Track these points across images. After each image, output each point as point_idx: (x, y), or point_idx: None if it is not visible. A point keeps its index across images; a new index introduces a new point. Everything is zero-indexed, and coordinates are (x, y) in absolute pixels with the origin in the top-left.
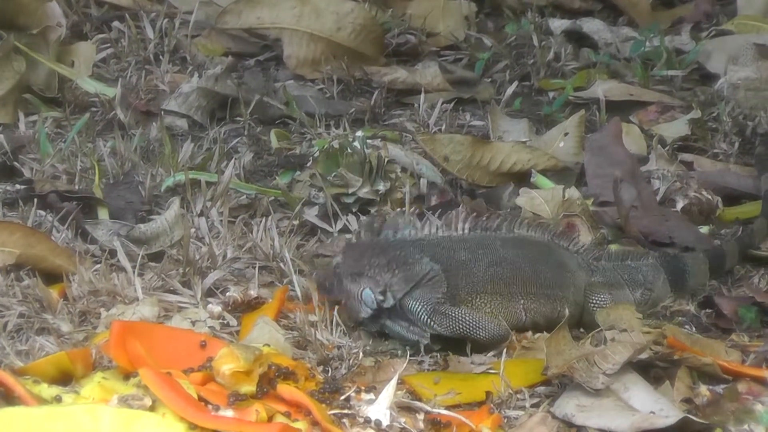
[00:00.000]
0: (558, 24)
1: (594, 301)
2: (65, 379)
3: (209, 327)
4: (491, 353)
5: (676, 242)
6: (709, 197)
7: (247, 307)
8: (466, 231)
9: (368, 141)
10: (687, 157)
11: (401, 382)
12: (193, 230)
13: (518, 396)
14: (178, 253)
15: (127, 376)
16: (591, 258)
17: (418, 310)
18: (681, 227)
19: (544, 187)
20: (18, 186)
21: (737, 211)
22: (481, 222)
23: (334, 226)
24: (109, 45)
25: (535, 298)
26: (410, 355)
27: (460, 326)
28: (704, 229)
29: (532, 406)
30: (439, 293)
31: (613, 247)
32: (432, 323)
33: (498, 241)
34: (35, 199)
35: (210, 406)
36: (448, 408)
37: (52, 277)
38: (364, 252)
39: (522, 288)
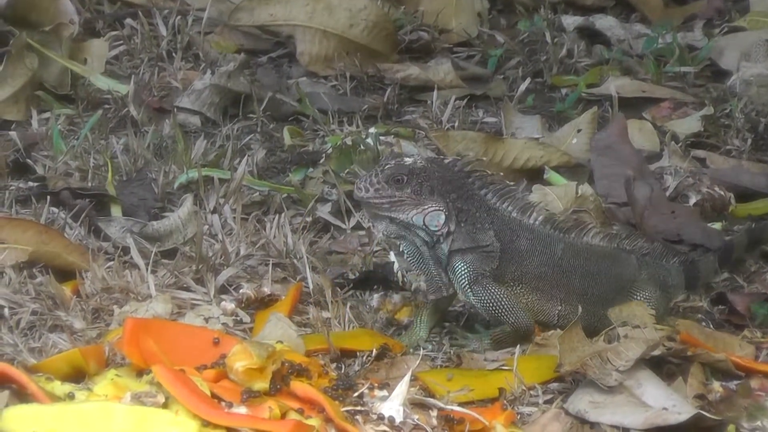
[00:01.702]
0: (571, 21)
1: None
2: (78, 376)
3: (222, 324)
4: (505, 350)
5: (685, 239)
6: (722, 193)
7: (261, 304)
8: (537, 222)
9: (381, 138)
10: (700, 153)
11: (414, 379)
12: (206, 227)
13: (531, 392)
14: (191, 250)
15: (140, 373)
16: (641, 253)
17: (462, 273)
18: (689, 224)
19: (557, 183)
20: (31, 183)
21: (750, 207)
22: (554, 220)
23: (347, 222)
24: (121, 42)
25: (573, 309)
26: (423, 352)
27: (494, 305)
28: (717, 225)
29: (545, 402)
30: (488, 268)
31: None
32: (469, 291)
33: (561, 244)
34: (48, 197)
35: (223, 403)
36: (461, 404)
37: (65, 274)
38: (457, 182)
39: (564, 296)
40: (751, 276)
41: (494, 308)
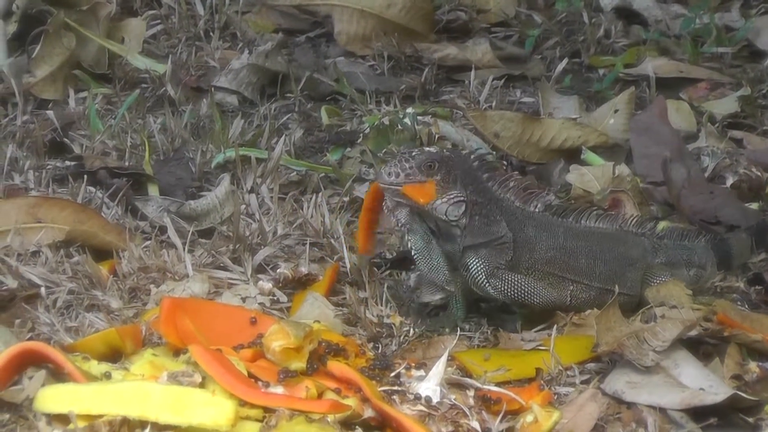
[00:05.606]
0: (608, 1)
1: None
2: (115, 355)
3: (259, 303)
4: (541, 327)
5: (722, 221)
6: (759, 174)
7: (298, 283)
8: (538, 209)
9: (419, 117)
10: (737, 134)
11: (451, 359)
12: (243, 207)
13: (568, 373)
14: (229, 229)
15: (176, 352)
16: (656, 237)
17: (478, 268)
18: (727, 205)
19: (595, 163)
20: (68, 162)
21: None
22: (554, 208)
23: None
24: (159, 21)
25: (586, 289)
26: (460, 332)
27: (515, 291)
28: (754, 206)
29: (582, 382)
30: (503, 260)
31: (664, 224)
32: (487, 285)
33: (561, 228)
34: (85, 176)
35: (260, 383)
36: (498, 384)
37: (101, 253)
38: (473, 174)
39: (574, 277)
40: None
41: (517, 295)
